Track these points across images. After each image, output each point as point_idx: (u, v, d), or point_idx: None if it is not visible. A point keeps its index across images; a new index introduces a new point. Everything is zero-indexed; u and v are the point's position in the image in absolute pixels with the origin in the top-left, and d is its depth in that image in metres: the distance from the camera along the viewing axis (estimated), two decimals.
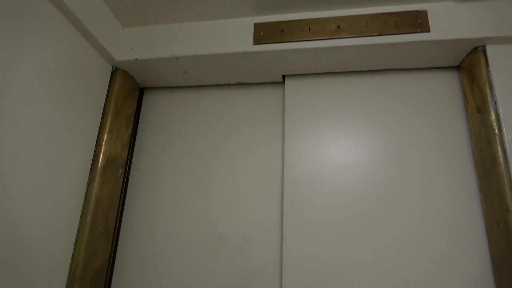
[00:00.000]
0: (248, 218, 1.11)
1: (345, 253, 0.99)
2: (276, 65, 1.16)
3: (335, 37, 1.07)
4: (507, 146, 0.94)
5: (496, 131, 0.96)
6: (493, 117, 0.98)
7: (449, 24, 1.03)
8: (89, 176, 1.03)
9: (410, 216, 1.01)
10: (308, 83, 1.20)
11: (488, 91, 1.00)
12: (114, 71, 1.17)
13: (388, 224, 1.01)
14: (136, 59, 1.14)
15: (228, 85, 1.29)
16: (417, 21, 1.04)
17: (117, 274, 1.11)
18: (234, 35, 1.13)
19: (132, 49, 1.15)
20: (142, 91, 1.33)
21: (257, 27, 1.13)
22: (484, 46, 1.03)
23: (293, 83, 1.21)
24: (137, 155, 1.24)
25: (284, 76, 1.23)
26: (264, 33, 1.12)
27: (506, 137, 0.95)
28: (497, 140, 0.96)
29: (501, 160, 0.94)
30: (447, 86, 1.14)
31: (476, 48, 1.04)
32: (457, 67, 1.14)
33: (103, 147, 1.08)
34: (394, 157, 1.07)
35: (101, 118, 1.09)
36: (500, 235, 0.90)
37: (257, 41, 1.11)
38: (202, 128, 1.23)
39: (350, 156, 1.10)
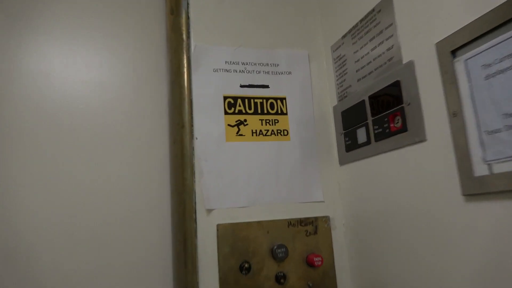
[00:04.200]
0: None
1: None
2: None
3: None
4: (192, 55, 0.80)
5: (184, 37, 0.81)
6: (183, 20, 0.82)
7: None
8: None
9: (104, 123, 0.79)
10: None
11: None
12: None
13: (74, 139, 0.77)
14: None
15: None
16: None
17: None
18: None
19: None
20: None
21: None
22: None
23: None
24: None
25: None
26: None
27: (192, 45, 0.81)
28: (184, 47, 0.81)
29: (185, 69, 0.80)
30: None
31: None
32: None
33: None
34: (90, 59, 0.82)
35: None
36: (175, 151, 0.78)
37: None
38: None
39: (44, 62, 0.78)
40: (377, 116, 0.70)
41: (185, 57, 0.81)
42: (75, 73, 0.81)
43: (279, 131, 0.83)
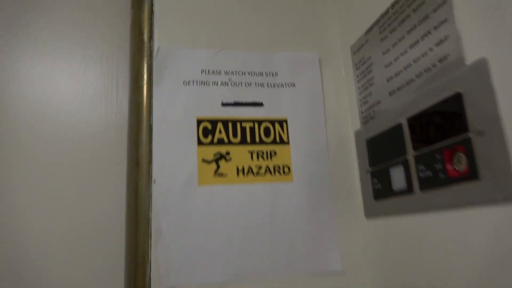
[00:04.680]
0: None
1: None
2: None
3: None
4: (154, 62, 0.57)
5: (145, 37, 0.59)
6: (145, 15, 0.60)
7: None
8: None
9: (40, 157, 0.58)
10: None
11: None
12: None
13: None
14: None
15: None
16: None
17: None
18: None
19: None
20: None
21: None
22: None
23: None
24: None
25: None
26: None
27: (155, 48, 0.58)
28: (145, 51, 0.58)
29: (144, 83, 0.57)
30: None
31: None
32: None
33: None
34: (32, 68, 0.62)
35: None
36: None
37: None
38: None
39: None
40: (423, 149, 0.44)
41: (145, 65, 0.59)
42: (8, 86, 0.60)
43: (277, 168, 0.58)
